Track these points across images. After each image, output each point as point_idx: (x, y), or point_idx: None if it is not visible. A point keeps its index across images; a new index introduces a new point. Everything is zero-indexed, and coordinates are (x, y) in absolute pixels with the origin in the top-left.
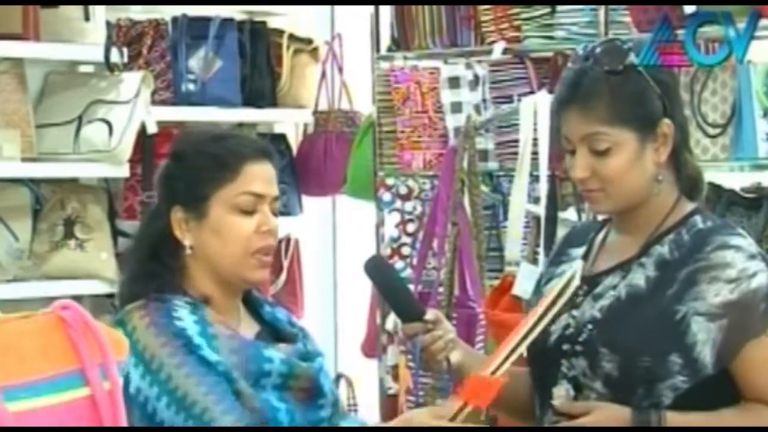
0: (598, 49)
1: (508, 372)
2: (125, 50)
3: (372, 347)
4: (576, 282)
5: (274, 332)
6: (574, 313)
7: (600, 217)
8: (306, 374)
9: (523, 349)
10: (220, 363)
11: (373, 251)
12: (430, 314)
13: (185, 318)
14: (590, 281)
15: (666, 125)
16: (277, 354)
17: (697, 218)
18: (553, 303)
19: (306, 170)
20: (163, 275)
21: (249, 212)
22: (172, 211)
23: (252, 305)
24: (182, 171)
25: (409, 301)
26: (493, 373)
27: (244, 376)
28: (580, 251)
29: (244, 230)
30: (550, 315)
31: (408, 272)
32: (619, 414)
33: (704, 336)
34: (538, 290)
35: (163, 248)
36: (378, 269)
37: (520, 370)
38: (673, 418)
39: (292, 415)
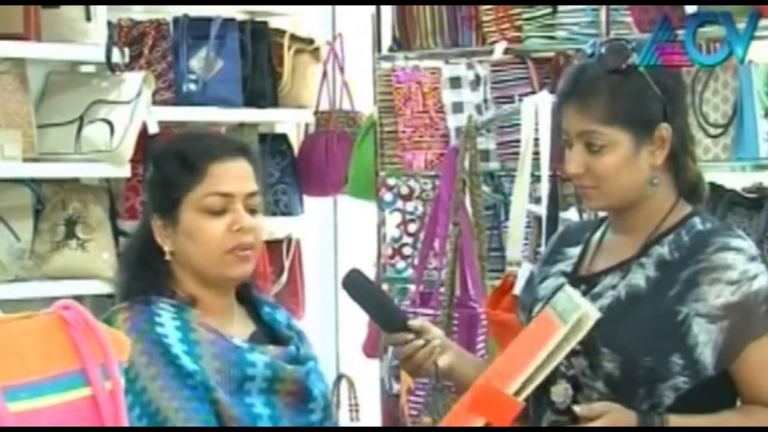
0: (602, 47)
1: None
2: (126, 50)
3: (373, 347)
4: (597, 315)
5: (270, 334)
6: None
7: (600, 214)
8: (292, 377)
9: (540, 380)
10: (197, 372)
11: (374, 251)
12: (415, 322)
13: (167, 324)
14: (589, 280)
15: (664, 129)
16: (261, 358)
17: (696, 219)
18: (568, 338)
19: (307, 170)
20: (152, 278)
21: (219, 212)
22: (153, 219)
23: (252, 305)
24: (157, 176)
25: (389, 311)
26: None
27: (228, 380)
28: (576, 250)
29: (214, 232)
30: (566, 349)
31: (409, 272)
32: (625, 417)
33: (705, 337)
34: (531, 288)
35: (148, 255)
36: (355, 285)
37: None
38: (675, 421)
39: (276, 423)
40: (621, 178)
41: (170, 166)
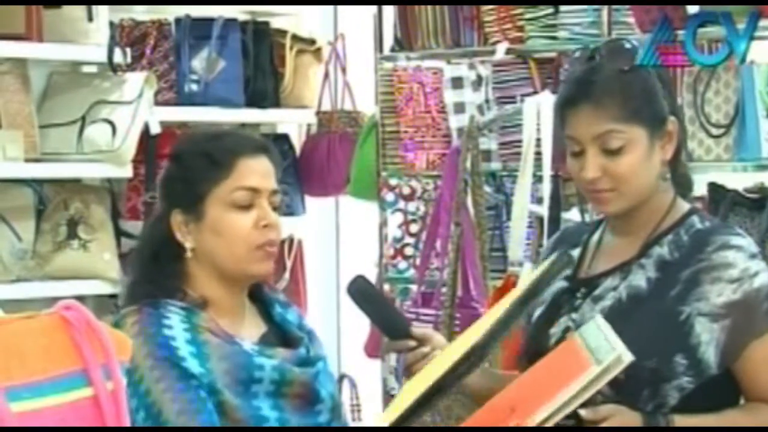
0: (605, 49)
1: (495, 374)
2: (128, 51)
3: (375, 347)
4: (630, 358)
5: (281, 334)
6: (574, 315)
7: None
8: (299, 380)
9: (565, 413)
10: (204, 375)
11: (376, 251)
12: (418, 330)
13: (175, 326)
14: (588, 283)
15: (672, 123)
16: (268, 361)
17: (695, 218)
18: (598, 378)
19: (309, 171)
20: (163, 279)
21: (246, 207)
22: (171, 215)
23: (263, 304)
24: (178, 172)
25: (393, 319)
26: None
27: (235, 383)
28: (574, 252)
29: (242, 226)
30: (595, 388)
31: (411, 272)
32: (630, 419)
33: (708, 336)
34: None
35: (164, 252)
36: (360, 292)
37: (510, 375)
38: (681, 421)
39: (284, 425)
40: (639, 177)
41: (194, 162)
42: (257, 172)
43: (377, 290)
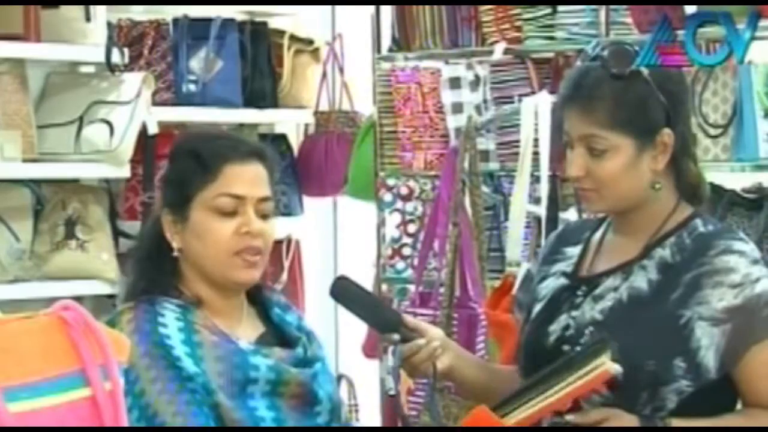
0: (605, 51)
1: (492, 369)
2: (126, 51)
3: (372, 348)
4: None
5: (279, 335)
6: (574, 313)
7: (600, 214)
8: (296, 380)
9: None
10: (198, 375)
11: (373, 252)
12: (411, 322)
13: (170, 324)
14: (590, 281)
15: (666, 135)
16: (264, 361)
17: (698, 221)
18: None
19: (307, 171)
20: (159, 276)
21: (229, 214)
22: (163, 214)
23: (263, 306)
24: (171, 172)
25: (382, 312)
26: (504, 415)
27: (231, 383)
28: (575, 250)
29: (222, 233)
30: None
31: (409, 273)
32: (626, 421)
33: (708, 341)
34: (529, 288)
35: (157, 251)
36: (343, 292)
37: (506, 369)
38: (678, 424)
39: (281, 425)
40: (621, 183)
41: (184, 164)
42: (244, 179)
43: (360, 288)
